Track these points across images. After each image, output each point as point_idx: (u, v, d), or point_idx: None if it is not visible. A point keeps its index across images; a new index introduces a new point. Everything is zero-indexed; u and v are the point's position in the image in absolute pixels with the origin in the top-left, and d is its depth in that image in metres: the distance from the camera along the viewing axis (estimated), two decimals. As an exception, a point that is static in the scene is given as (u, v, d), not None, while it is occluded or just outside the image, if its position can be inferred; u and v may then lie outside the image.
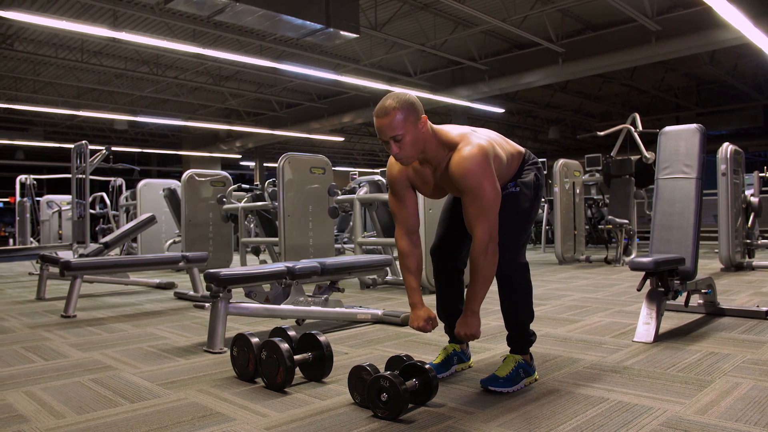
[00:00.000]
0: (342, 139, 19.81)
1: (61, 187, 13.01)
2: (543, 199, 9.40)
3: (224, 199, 6.64)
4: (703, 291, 3.22)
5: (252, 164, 23.42)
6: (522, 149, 2.18)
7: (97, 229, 10.16)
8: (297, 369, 2.19)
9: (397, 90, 1.99)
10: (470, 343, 2.51)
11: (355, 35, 8.04)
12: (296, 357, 2.16)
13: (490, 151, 1.96)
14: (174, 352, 2.77)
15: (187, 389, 2.15)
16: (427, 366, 1.90)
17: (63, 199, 11.45)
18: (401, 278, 5.20)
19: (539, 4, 8.79)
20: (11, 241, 15.04)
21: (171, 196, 7.73)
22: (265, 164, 21.87)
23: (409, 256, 2.13)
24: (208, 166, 17.88)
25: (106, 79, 12.97)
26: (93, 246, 5.95)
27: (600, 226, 7.86)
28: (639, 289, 2.89)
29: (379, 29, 9.26)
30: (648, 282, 2.90)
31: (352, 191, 5.52)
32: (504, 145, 2.11)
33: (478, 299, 1.97)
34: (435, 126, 2.01)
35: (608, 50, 9.79)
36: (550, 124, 18.30)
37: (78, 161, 7.06)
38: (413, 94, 1.97)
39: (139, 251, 8.15)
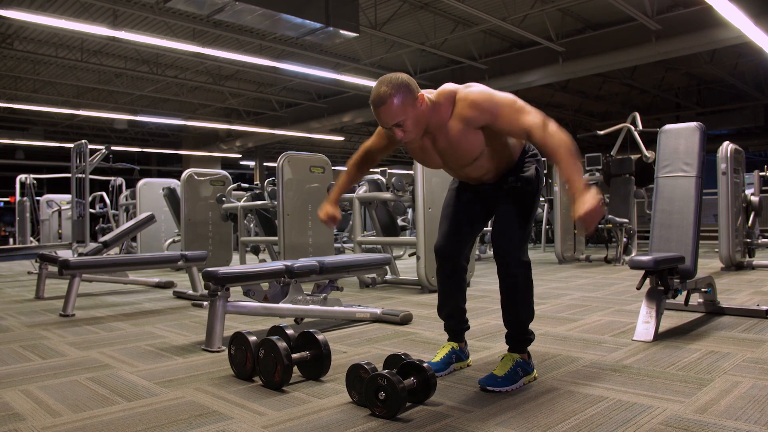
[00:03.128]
0: (342, 138, 19.80)
1: (60, 186, 13.01)
2: (543, 199, 9.40)
3: (224, 199, 6.64)
4: (703, 290, 3.21)
5: (252, 164, 23.43)
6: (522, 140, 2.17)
7: (96, 228, 10.17)
8: (295, 368, 2.18)
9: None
10: (469, 341, 2.50)
11: (354, 34, 8.03)
12: (294, 355, 2.15)
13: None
14: (172, 351, 2.77)
15: (185, 388, 2.14)
16: (425, 364, 1.89)
17: (63, 199, 11.46)
18: (401, 277, 5.22)
19: (539, 4, 8.78)
20: (11, 240, 15.05)
21: (170, 195, 7.72)
22: (264, 163, 21.88)
23: (358, 166, 2.29)
24: (208, 166, 17.89)
25: (106, 79, 12.96)
26: (92, 245, 5.94)
27: (600, 225, 7.85)
28: (639, 288, 2.88)
29: (378, 28, 9.25)
30: (648, 281, 2.89)
31: (352, 190, 5.52)
32: None
33: (575, 174, 1.76)
34: (431, 94, 1.98)
35: (608, 49, 9.77)
36: (551, 124, 18.27)
37: (78, 161, 7.05)
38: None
39: (139, 250, 8.15)
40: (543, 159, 2.22)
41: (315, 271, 3.11)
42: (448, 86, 2.01)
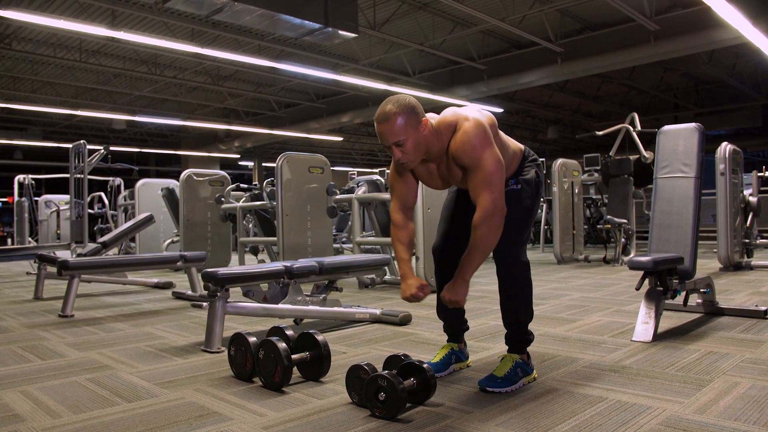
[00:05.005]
0: (341, 138, 19.80)
1: (59, 186, 12.98)
2: (542, 199, 9.41)
3: (222, 199, 6.63)
4: (701, 290, 3.22)
5: (251, 164, 23.43)
6: (522, 146, 2.19)
7: (95, 228, 10.16)
8: (295, 368, 2.18)
9: (397, 90, 1.98)
10: (469, 342, 2.50)
11: (353, 35, 8.03)
12: (294, 356, 2.16)
13: (486, 123, 1.97)
14: (171, 352, 2.76)
15: (185, 389, 2.14)
16: (425, 365, 1.89)
17: (61, 199, 11.44)
18: (399, 278, 5.21)
19: (538, 4, 8.79)
20: (9, 240, 15.02)
21: (169, 195, 7.72)
22: (263, 164, 21.88)
23: (403, 228, 2.12)
24: (207, 166, 17.88)
25: (105, 79, 12.95)
26: (91, 245, 5.94)
27: (599, 226, 7.86)
28: (638, 289, 2.89)
29: (377, 29, 9.25)
30: (647, 281, 2.89)
31: (351, 191, 5.52)
32: (506, 139, 2.11)
33: (471, 268, 1.91)
34: (434, 120, 1.99)
35: (607, 50, 9.79)
36: (549, 124, 18.30)
37: (76, 161, 7.04)
38: (412, 94, 1.97)
39: (138, 251, 8.14)
40: (542, 161, 2.24)
41: (314, 272, 3.11)
42: (449, 116, 2.00)
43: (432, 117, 2.01)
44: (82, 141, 7.06)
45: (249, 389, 2.12)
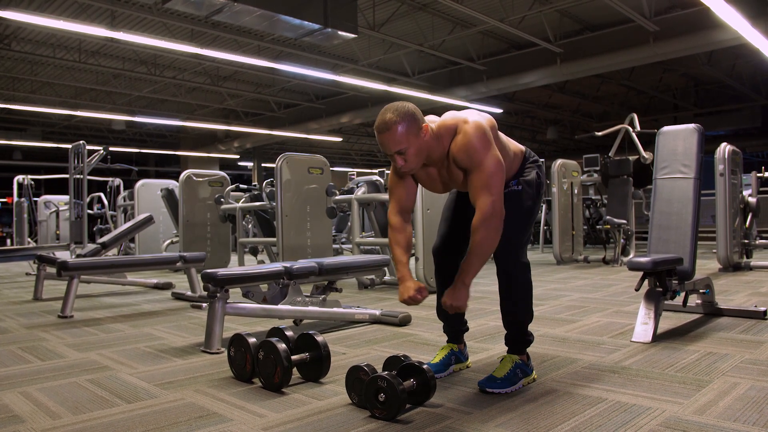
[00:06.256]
0: (340, 139, 19.80)
1: (58, 187, 12.98)
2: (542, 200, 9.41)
3: (222, 200, 6.63)
4: (701, 291, 3.22)
5: (250, 164, 23.41)
6: (523, 147, 2.19)
7: (94, 229, 10.15)
8: (294, 369, 2.19)
9: (396, 91, 1.98)
10: (468, 343, 2.50)
11: (353, 35, 8.02)
12: (293, 357, 2.16)
13: (487, 126, 1.96)
14: (171, 353, 2.76)
15: (184, 390, 2.14)
16: (424, 366, 1.89)
17: (60, 200, 11.44)
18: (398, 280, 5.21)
19: (537, 5, 8.79)
20: (9, 241, 15.02)
21: (169, 196, 7.71)
22: (263, 164, 21.87)
23: (400, 231, 2.10)
24: (206, 167, 17.87)
25: (104, 79, 12.94)
26: (90, 246, 5.93)
27: (598, 227, 7.86)
28: (637, 289, 2.89)
29: (377, 29, 9.25)
30: (646, 282, 2.90)
31: (350, 191, 5.52)
32: (506, 140, 2.11)
33: (471, 272, 1.89)
34: (434, 124, 1.99)
35: (606, 50, 9.79)
36: (549, 125, 18.31)
37: (76, 161, 7.04)
38: (411, 95, 1.97)
39: (137, 251, 8.14)
40: (542, 161, 2.24)
41: (314, 273, 3.11)
42: (449, 120, 2.00)
43: (432, 120, 2.01)
44: (81, 141, 7.06)
45: (249, 390, 2.12)
